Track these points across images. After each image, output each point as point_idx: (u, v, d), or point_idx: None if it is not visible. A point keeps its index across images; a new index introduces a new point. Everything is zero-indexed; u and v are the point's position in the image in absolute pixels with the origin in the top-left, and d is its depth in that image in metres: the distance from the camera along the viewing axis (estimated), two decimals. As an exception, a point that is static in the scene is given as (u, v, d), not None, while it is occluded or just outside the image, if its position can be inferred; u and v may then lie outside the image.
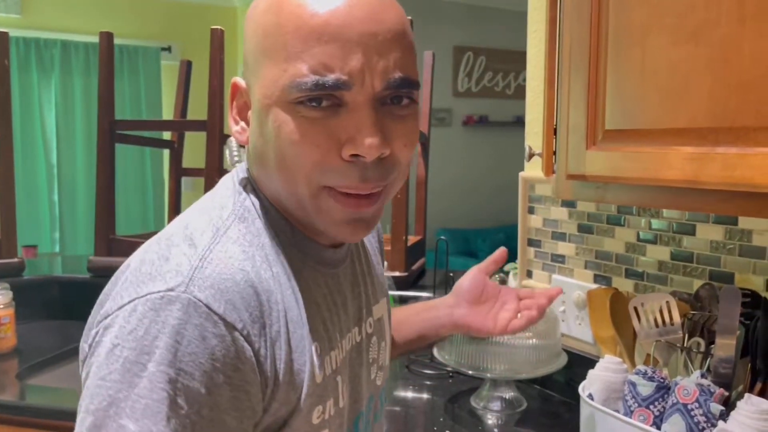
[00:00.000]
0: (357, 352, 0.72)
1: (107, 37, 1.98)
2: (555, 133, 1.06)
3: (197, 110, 2.52)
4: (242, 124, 0.63)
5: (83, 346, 0.57)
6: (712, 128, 0.78)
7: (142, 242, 0.61)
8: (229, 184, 0.65)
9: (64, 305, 1.99)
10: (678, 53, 0.82)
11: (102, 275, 1.96)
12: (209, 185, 1.91)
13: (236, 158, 1.57)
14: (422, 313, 0.97)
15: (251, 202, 0.62)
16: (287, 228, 0.63)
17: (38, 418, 1.33)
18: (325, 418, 0.63)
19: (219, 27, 1.90)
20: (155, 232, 0.62)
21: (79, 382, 0.55)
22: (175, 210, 2.33)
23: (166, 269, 0.54)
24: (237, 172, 0.67)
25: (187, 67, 2.38)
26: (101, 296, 0.59)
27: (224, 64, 1.90)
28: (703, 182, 0.80)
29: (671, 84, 0.83)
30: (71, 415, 0.53)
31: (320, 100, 0.56)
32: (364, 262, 0.77)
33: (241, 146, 1.96)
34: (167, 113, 5.15)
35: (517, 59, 0.70)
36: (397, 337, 0.97)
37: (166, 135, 2.61)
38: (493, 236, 4.54)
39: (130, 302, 0.53)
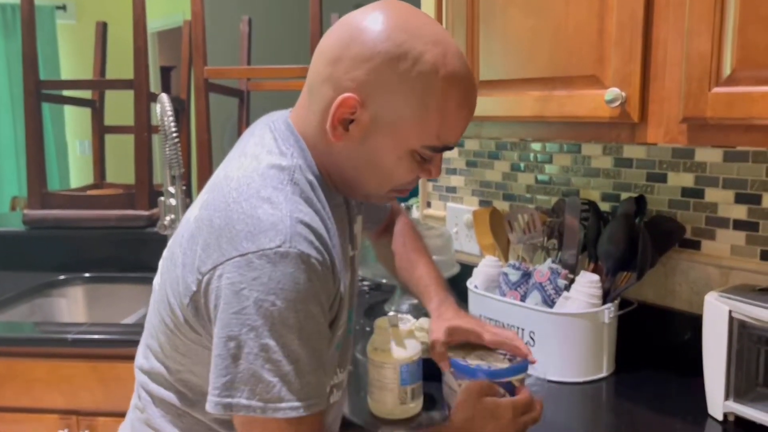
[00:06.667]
0: (351, 264, 0.93)
1: (29, 0, 2.07)
2: (444, 85, 1.35)
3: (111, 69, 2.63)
4: (340, 128, 0.77)
5: (187, 284, 0.74)
6: (550, 78, 1.10)
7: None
8: (272, 148, 0.80)
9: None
10: (527, 24, 1.12)
11: (37, 227, 2.09)
12: (140, 140, 2.08)
13: (169, 113, 1.75)
14: (420, 290, 1.22)
15: (298, 164, 0.79)
16: (322, 183, 0.81)
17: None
18: (340, 323, 0.85)
19: (140, -8, 2.05)
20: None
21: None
22: (101, 164, 2.45)
23: (264, 227, 0.70)
24: (273, 134, 0.81)
25: (102, 29, 2.48)
26: (178, 243, 0.78)
27: (144, 25, 2.05)
28: (547, 117, 1.12)
29: (523, 46, 1.14)
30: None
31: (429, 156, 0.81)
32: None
33: (176, 107, 2.11)
34: (66, 73, 5.06)
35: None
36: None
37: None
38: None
39: (242, 255, 0.69)
